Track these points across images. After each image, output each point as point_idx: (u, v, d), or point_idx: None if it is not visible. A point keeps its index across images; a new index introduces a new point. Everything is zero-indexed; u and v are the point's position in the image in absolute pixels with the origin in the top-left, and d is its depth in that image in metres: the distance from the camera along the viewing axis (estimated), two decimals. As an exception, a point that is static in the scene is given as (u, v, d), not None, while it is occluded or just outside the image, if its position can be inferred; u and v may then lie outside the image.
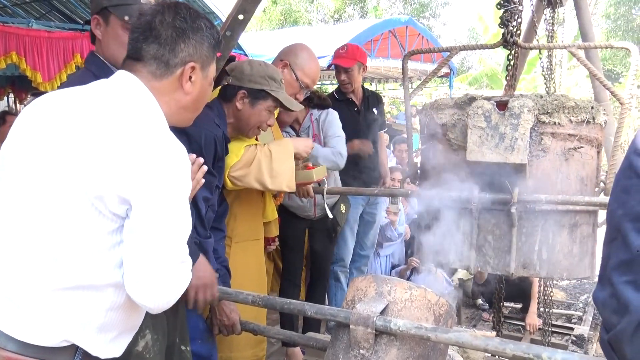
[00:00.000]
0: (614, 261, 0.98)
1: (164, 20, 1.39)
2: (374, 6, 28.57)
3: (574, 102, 2.04)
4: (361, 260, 4.23)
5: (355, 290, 1.66)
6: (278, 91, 2.31)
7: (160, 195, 1.25)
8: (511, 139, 1.94)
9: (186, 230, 1.32)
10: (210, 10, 7.93)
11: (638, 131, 1.00)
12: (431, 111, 2.25)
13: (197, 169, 1.56)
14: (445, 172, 2.21)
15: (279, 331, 2.04)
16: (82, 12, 8.22)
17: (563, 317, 4.75)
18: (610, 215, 1.02)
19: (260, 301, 1.72)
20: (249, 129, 2.37)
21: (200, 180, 1.59)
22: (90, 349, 1.32)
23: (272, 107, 2.33)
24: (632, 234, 0.94)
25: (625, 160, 1.00)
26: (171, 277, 1.29)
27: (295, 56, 2.74)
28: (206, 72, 1.47)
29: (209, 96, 1.55)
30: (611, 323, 0.97)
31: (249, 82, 2.30)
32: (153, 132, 1.29)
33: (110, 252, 1.29)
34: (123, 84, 1.37)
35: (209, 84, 1.51)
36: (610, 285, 0.97)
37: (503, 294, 3.30)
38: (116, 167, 1.22)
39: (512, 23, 2.32)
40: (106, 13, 1.79)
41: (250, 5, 2.32)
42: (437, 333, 1.42)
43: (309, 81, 2.77)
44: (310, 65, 2.75)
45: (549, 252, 2.07)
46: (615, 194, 1.02)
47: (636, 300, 0.91)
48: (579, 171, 2.08)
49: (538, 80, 15.83)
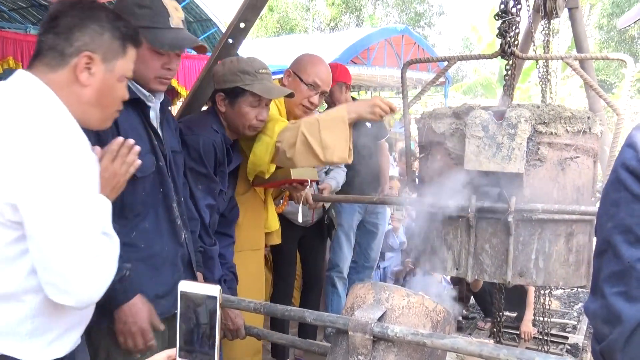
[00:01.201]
0: (605, 273, 0.99)
1: (62, 10, 1.37)
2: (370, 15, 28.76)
3: (571, 112, 2.06)
4: (364, 271, 4.23)
5: (355, 297, 1.68)
6: (253, 84, 2.24)
7: (46, 196, 1.22)
8: (508, 149, 1.96)
9: (92, 224, 1.30)
10: (208, 17, 7.98)
11: (624, 145, 1.01)
12: (429, 120, 2.27)
13: (127, 151, 1.54)
14: (443, 181, 2.23)
15: (282, 336, 2.05)
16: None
17: (558, 326, 4.76)
18: (600, 228, 1.03)
19: (262, 308, 1.73)
20: (241, 129, 2.34)
21: (133, 162, 1.56)
22: (25, 357, 1.30)
23: (254, 102, 2.27)
24: (622, 246, 0.95)
25: (612, 173, 1.01)
26: (85, 274, 1.27)
27: (297, 62, 2.74)
28: (111, 66, 1.42)
29: (122, 94, 1.50)
30: (603, 334, 0.98)
31: (223, 82, 2.28)
32: (37, 131, 1.23)
33: (20, 260, 1.27)
34: (14, 84, 1.33)
35: (118, 79, 1.46)
36: (602, 297, 0.98)
37: (503, 303, 3.31)
38: (2, 175, 1.20)
39: (510, 34, 2.34)
40: None
41: (251, 14, 2.34)
42: (433, 339, 1.45)
43: (317, 80, 2.67)
44: (313, 65, 2.69)
45: (546, 260, 2.08)
46: (604, 207, 1.03)
47: (628, 310, 0.93)
48: (575, 181, 2.10)
49: (532, 89, 15.96)
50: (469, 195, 2.10)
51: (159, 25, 1.79)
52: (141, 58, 1.78)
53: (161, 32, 1.78)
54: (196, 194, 2.18)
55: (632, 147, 0.97)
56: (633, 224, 0.94)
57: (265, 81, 2.29)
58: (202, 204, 2.18)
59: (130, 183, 1.79)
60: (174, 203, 1.94)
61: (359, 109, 2.25)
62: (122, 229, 1.82)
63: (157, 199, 1.89)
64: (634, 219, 0.94)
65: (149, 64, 1.81)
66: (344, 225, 3.95)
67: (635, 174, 0.95)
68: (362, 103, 2.27)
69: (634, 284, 0.93)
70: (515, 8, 2.34)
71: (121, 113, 1.77)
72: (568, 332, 4.55)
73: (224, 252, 2.32)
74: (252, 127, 2.33)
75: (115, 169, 1.51)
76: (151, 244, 1.87)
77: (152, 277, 1.87)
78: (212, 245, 2.25)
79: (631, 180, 0.96)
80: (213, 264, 2.25)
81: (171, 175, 1.95)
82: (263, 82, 2.28)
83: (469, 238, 2.13)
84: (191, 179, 2.18)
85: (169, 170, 1.93)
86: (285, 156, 2.28)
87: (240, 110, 2.28)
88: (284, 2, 28.33)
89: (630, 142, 0.98)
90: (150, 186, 1.86)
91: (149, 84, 1.85)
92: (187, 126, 2.25)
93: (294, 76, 2.69)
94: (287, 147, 2.26)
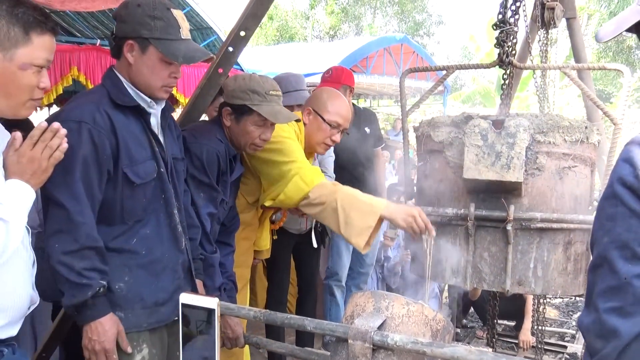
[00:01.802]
0: (600, 287, 0.99)
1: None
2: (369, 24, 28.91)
3: (569, 122, 2.08)
4: (360, 277, 4.22)
5: (354, 306, 1.68)
6: (261, 105, 2.25)
7: None
8: (507, 158, 1.97)
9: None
10: (208, 25, 8.00)
11: (619, 160, 1.01)
12: (428, 129, 2.28)
13: (51, 135, 1.54)
14: (442, 189, 2.24)
15: (281, 345, 2.04)
16: (79, 26, 8.26)
17: (556, 335, 4.76)
18: (595, 242, 1.04)
19: (262, 316, 1.73)
20: (242, 146, 2.35)
21: (59, 146, 1.56)
22: None
23: (259, 122, 2.28)
24: (619, 262, 0.96)
25: (608, 188, 1.01)
26: None
27: (317, 100, 2.71)
28: (9, 54, 1.42)
29: (30, 82, 1.50)
30: (595, 348, 0.99)
31: (232, 97, 2.29)
32: None
33: None
34: None
35: (20, 67, 1.46)
36: (596, 311, 0.98)
37: (497, 310, 3.31)
38: None
39: (508, 43, 2.36)
40: (144, 42, 1.79)
41: (251, 23, 2.35)
42: (432, 347, 1.45)
43: (339, 119, 2.67)
44: (334, 103, 2.68)
45: (544, 269, 2.09)
46: (600, 222, 1.03)
47: (622, 325, 0.93)
48: (574, 190, 2.11)
49: (530, 99, 16.01)
50: (467, 204, 2.11)
51: (171, 37, 1.81)
52: (150, 67, 1.81)
53: (174, 44, 1.81)
54: (198, 202, 2.19)
55: (629, 162, 0.98)
56: (630, 240, 0.95)
57: (274, 103, 2.30)
58: (203, 212, 2.19)
59: (130, 188, 1.80)
60: (175, 209, 1.95)
61: (395, 214, 2.16)
62: (123, 235, 1.83)
63: (159, 205, 1.90)
64: (631, 234, 0.95)
65: (158, 74, 1.83)
66: None
67: (633, 190, 0.96)
68: (401, 209, 2.19)
69: (629, 300, 0.93)
70: (513, 18, 2.37)
71: (120, 119, 1.78)
72: (567, 341, 4.54)
73: (223, 260, 2.32)
74: (253, 145, 2.34)
75: (33, 154, 1.51)
76: (152, 250, 1.88)
77: (152, 284, 1.88)
78: (213, 253, 2.25)
79: (629, 196, 0.96)
80: (214, 271, 2.25)
81: (172, 181, 1.95)
82: (271, 105, 2.28)
83: (467, 246, 2.14)
84: (193, 187, 2.19)
85: (169, 176, 1.94)
86: (309, 208, 2.32)
87: (245, 128, 2.29)
88: (284, 10, 28.47)
89: (626, 157, 0.99)
90: (152, 192, 1.87)
91: (155, 92, 1.87)
92: (192, 134, 2.25)
93: (315, 114, 2.67)
94: (316, 203, 2.30)
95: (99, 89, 1.86)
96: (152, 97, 1.88)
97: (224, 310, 1.89)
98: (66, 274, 1.66)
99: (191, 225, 2.11)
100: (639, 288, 0.92)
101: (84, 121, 1.70)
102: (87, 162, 1.70)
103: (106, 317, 1.73)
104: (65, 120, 1.66)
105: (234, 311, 1.77)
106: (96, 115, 1.73)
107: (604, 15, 20.85)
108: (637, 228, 0.94)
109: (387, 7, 30.59)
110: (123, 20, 1.81)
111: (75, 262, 1.66)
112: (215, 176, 2.22)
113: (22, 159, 1.50)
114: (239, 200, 2.59)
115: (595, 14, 21.12)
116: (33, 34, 1.45)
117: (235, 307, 1.81)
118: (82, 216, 1.68)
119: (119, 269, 1.81)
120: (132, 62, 1.82)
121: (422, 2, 30.48)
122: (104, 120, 1.74)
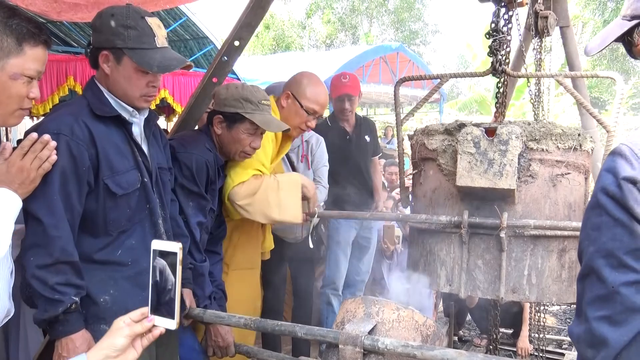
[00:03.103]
0: (589, 296, 1.00)
1: None
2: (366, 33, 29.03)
3: (561, 130, 2.08)
4: (356, 285, 4.22)
5: (345, 312, 1.69)
6: (254, 113, 2.28)
7: None
8: (500, 165, 1.97)
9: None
10: (204, 35, 8.04)
11: (602, 170, 1.02)
12: (422, 137, 2.29)
13: (41, 147, 1.57)
14: (436, 197, 2.24)
15: (271, 354, 2.04)
16: (76, 35, 8.29)
17: (554, 343, 4.74)
18: (582, 252, 1.04)
19: (252, 324, 1.73)
20: (233, 154, 2.36)
21: (48, 157, 1.59)
22: None
23: (251, 130, 2.30)
24: (605, 270, 0.96)
25: (593, 197, 1.02)
26: None
27: (297, 85, 2.71)
28: (0, 64, 1.43)
29: (19, 92, 1.50)
30: (586, 357, 0.99)
31: (224, 105, 2.30)
32: None
33: None
34: None
35: (10, 77, 1.46)
36: (586, 321, 0.99)
37: (498, 321, 3.30)
38: None
39: (501, 52, 2.37)
40: (118, 52, 1.78)
41: (245, 33, 2.37)
42: (423, 350, 1.45)
43: (316, 107, 2.69)
44: (313, 90, 2.70)
45: (538, 276, 2.09)
46: (586, 232, 1.04)
47: (612, 335, 0.93)
48: (567, 197, 2.12)
49: (526, 106, 16.07)
50: (461, 211, 2.12)
51: (145, 46, 1.78)
52: (126, 77, 1.80)
53: (148, 53, 1.78)
54: (187, 211, 2.18)
55: (611, 172, 0.99)
56: (615, 248, 0.95)
57: (266, 113, 2.33)
58: (193, 221, 2.19)
59: (113, 199, 1.78)
60: (160, 219, 1.93)
61: (306, 184, 2.55)
62: (108, 247, 1.81)
63: (144, 215, 1.89)
64: (616, 243, 0.95)
65: (134, 83, 1.81)
66: (341, 242, 3.96)
67: (616, 199, 0.97)
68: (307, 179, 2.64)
69: (618, 308, 0.94)
70: (506, 27, 2.38)
71: (100, 130, 1.76)
72: (564, 348, 4.53)
73: (212, 269, 2.32)
74: (243, 153, 2.36)
75: (23, 164, 1.54)
76: (138, 261, 1.86)
77: (138, 295, 1.85)
78: (202, 262, 2.25)
79: (612, 204, 0.97)
80: (203, 280, 2.24)
81: (157, 191, 1.94)
82: (263, 114, 2.31)
83: (461, 254, 2.14)
84: (182, 196, 2.19)
85: (154, 186, 1.92)
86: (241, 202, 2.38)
87: (237, 136, 2.31)
88: (280, 20, 28.60)
89: (608, 167, 1.00)
90: (136, 202, 1.85)
91: (134, 102, 1.86)
92: (181, 144, 2.25)
93: (293, 99, 2.68)
94: (246, 194, 2.37)
95: (79, 100, 1.85)
96: (132, 106, 1.87)
97: (214, 319, 1.89)
98: (40, 289, 1.65)
99: (179, 234, 2.10)
100: (626, 296, 0.93)
101: (61, 133, 1.68)
102: (66, 174, 1.69)
103: (77, 334, 1.71)
104: (43, 132, 1.65)
105: (224, 319, 1.77)
106: (74, 127, 1.71)
107: (598, 24, 20.99)
108: (621, 236, 0.95)
109: (384, 16, 30.76)
110: (98, 31, 1.80)
111: (49, 277, 1.65)
112: (205, 185, 2.23)
113: (11, 169, 1.52)
114: None
115: (589, 22, 21.27)
116: (26, 45, 1.46)
117: (226, 315, 1.80)
118: (57, 230, 1.66)
119: (103, 281, 1.80)
120: (108, 73, 1.81)
121: (419, 11, 30.67)
122: (82, 132, 1.73)
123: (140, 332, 1.14)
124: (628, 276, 0.94)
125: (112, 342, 1.11)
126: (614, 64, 21.17)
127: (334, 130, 3.89)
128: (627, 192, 0.95)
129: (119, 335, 1.11)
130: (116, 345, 1.10)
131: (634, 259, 0.94)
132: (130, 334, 1.12)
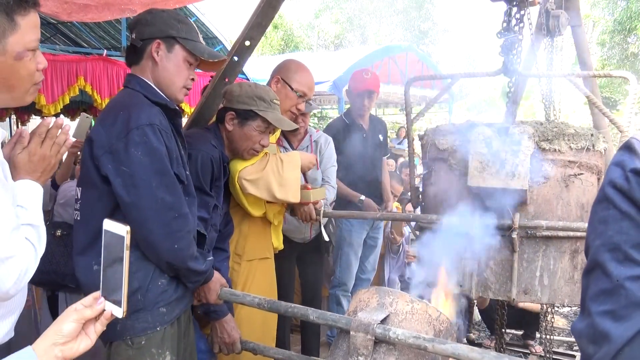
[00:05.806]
0: (593, 291, 0.98)
1: None
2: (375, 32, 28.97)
3: (574, 130, 2.07)
4: (362, 284, 4.22)
5: (358, 301, 1.69)
6: (267, 111, 2.33)
7: None
8: (512, 165, 1.96)
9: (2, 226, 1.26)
10: (214, 35, 8.06)
11: (610, 164, 1.01)
12: (433, 137, 2.28)
13: (57, 131, 1.49)
14: (447, 197, 2.23)
15: (277, 351, 2.04)
16: (86, 36, 8.34)
17: (565, 344, 4.71)
18: (588, 247, 1.03)
19: (266, 304, 1.75)
20: (243, 150, 2.39)
21: (64, 142, 1.52)
22: None
23: (262, 127, 2.35)
24: (611, 264, 0.94)
25: (600, 191, 1.01)
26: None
27: (286, 69, 2.77)
28: (0, 47, 1.29)
29: (30, 68, 1.37)
30: (588, 354, 0.97)
31: (237, 103, 2.33)
32: None
33: None
34: None
35: (15, 58, 1.32)
36: (588, 316, 0.97)
37: (505, 320, 3.28)
38: None
39: (512, 51, 2.36)
40: (171, 41, 1.89)
41: (256, 33, 2.37)
42: (434, 344, 1.44)
43: (305, 89, 2.76)
44: (302, 74, 2.78)
45: (550, 278, 2.07)
46: (592, 225, 1.02)
47: (615, 330, 0.91)
48: (580, 198, 2.10)
49: (536, 106, 15.98)
50: (472, 212, 2.11)
51: (195, 39, 1.94)
52: (176, 65, 1.90)
53: (198, 45, 1.94)
54: None
55: (619, 165, 0.97)
56: (622, 242, 0.94)
57: (277, 112, 2.39)
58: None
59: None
60: None
61: (304, 160, 2.66)
62: None
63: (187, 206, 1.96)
64: (623, 236, 0.94)
65: (181, 73, 1.92)
66: (353, 244, 3.97)
67: (623, 192, 0.95)
68: (306, 155, 2.76)
69: (622, 303, 0.92)
70: (518, 26, 2.37)
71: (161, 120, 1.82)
72: (575, 350, 4.49)
73: (219, 266, 2.32)
74: (252, 150, 2.40)
75: (44, 152, 1.47)
76: None
77: None
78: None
79: (619, 197, 0.95)
80: None
81: None
82: (275, 112, 2.38)
83: (473, 255, 2.13)
84: None
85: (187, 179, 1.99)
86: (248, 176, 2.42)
87: (248, 133, 2.35)
88: (289, 20, 28.61)
89: (617, 161, 0.98)
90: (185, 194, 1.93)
91: (176, 93, 1.94)
92: (187, 140, 2.27)
93: (283, 83, 2.73)
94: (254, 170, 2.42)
95: (132, 93, 1.88)
96: (172, 98, 1.94)
97: (228, 296, 1.91)
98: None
99: None
100: (631, 290, 0.91)
101: (154, 123, 1.77)
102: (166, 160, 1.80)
103: None
104: (139, 125, 1.73)
105: (239, 297, 1.78)
106: (160, 117, 1.82)
107: (608, 23, 20.83)
108: (628, 230, 0.93)
109: (393, 16, 30.69)
110: (149, 24, 1.88)
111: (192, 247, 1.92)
112: (209, 181, 2.24)
113: (33, 157, 1.46)
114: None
115: (600, 21, 21.11)
116: (18, 17, 1.31)
117: (240, 294, 1.82)
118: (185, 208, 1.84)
119: None
120: (158, 61, 1.88)
121: (428, 11, 30.56)
122: (164, 121, 1.84)
123: (90, 316, 1.08)
124: (634, 270, 0.92)
125: (58, 328, 1.05)
126: (624, 63, 20.98)
127: (351, 128, 3.92)
128: (635, 184, 0.93)
129: (66, 321, 1.06)
130: (62, 331, 1.05)
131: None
132: (79, 317, 1.07)
